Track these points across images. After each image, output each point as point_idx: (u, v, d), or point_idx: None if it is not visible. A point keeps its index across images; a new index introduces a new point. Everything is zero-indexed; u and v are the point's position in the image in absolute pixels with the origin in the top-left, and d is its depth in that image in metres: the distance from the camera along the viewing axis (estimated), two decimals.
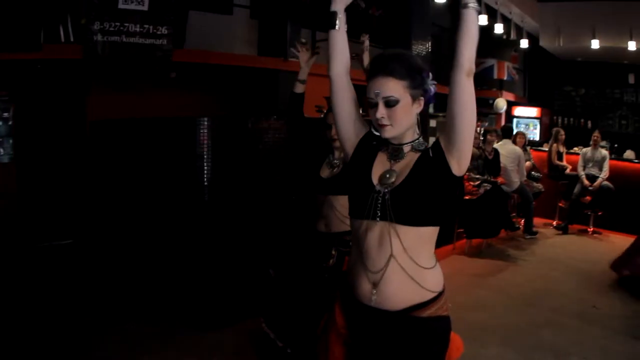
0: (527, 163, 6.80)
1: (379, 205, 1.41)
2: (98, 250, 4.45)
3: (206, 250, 3.46)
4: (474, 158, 5.66)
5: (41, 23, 4.39)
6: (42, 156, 4.77)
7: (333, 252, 2.39)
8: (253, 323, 3.50)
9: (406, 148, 1.47)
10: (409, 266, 1.39)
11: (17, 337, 3.16)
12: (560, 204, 7.05)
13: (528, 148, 7.14)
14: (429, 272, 1.43)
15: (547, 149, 7.37)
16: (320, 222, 2.47)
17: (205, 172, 3.36)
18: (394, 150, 1.48)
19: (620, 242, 6.30)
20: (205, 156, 3.35)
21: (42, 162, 4.76)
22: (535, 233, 6.41)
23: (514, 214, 6.65)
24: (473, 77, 1.34)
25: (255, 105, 6.40)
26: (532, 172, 6.90)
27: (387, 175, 1.44)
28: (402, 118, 1.42)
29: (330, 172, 2.46)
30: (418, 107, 1.46)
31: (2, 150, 4.65)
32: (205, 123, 3.35)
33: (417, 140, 1.48)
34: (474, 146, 4.93)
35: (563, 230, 6.72)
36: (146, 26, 4.85)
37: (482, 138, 6.05)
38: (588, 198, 6.58)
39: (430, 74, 1.46)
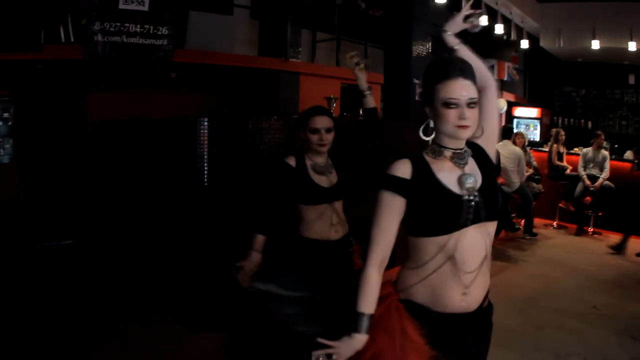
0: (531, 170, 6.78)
1: (471, 210, 1.43)
2: (99, 250, 4.45)
3: (206, 250, 3.46)
4: None
5: (41, 23, 4.39)
6: (43, 156, 4.77)
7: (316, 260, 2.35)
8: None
9: (467, 153, 1.53)
10: (489, 261, 1.50)
11: (17, 338, 3.16)
12: (561, 205, 7.05)
13: (528, 149, 7.14)
14: None
15: (547, 150, 7.37)
16: (331, 229, 2.41)
17: (206, 172, 3.36)
18: (458, 155, 1.50)
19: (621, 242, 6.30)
20: (205, 157, 3.35)
21: (43, 162, 4.76)
22: (536, 234, 6.40)
23: (514, 215, 6.65)
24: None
25: (255, 105, 6.40)
26: (535, 176, 6.87)
27: (468, 179, 1.45)
28: (476, 120, 1.49)
29: (328, 180, 2.38)
30: None
31: (2, 150, 4.65)
32: (206, 123, 3.34)
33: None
34: None
35: (577, 232, 6.67)
36: (147, 26, 4.85)
37: None
38: (588, 199, 6.58)
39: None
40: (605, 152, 6.71)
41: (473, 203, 1.43)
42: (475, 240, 1.44)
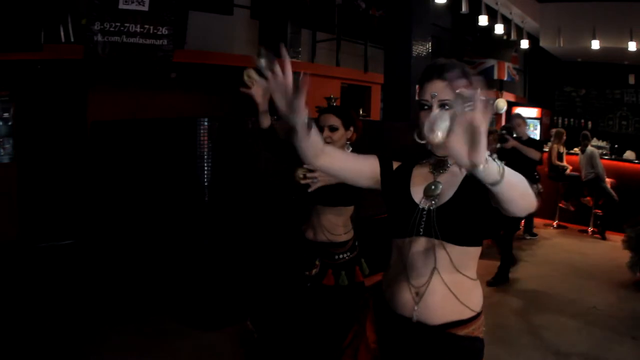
0: None
1: (423, 222, 1.37)
2: (99, 250, 4.45)
3: (206, 250, 3.46)
4: None
5: (42, 23, 4.40)
6: (43, 156, 4.77)
7: (317, 263, 2.31)
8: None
9: (451, 160, 1.42)
10: (453, 280, 1.36)
11: (17, 338, 3.16)
12: (561, 205, 7.05)
13: None
14: (473, 288, 1.41)
15: (547, 150, 7.37)
16: (309, 230, 2.38)
17: (206, 172, 3.36)
18: (438, 162, 1.43)
19: (620, 242, 6.30)
20: (205, 157, 3.35)
21: (43, 162, 4.77)
22: (536, 234, 6.41)
23: None
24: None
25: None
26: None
27: (433, 187, 1.39)
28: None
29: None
30: None
31: (2, 150, 4.66)
32: (206, 123, 3.35)
33: None
34: None
35: (601, 235, 6.61)
36: (147, 26, 4.85)
37: None
38: (589, 198, 6.58)
39: (479, 90, 1.42)
40: (591, 149, 6.67)
41: (425, 216, 1.37)
42: (425, 251, 1.37)
